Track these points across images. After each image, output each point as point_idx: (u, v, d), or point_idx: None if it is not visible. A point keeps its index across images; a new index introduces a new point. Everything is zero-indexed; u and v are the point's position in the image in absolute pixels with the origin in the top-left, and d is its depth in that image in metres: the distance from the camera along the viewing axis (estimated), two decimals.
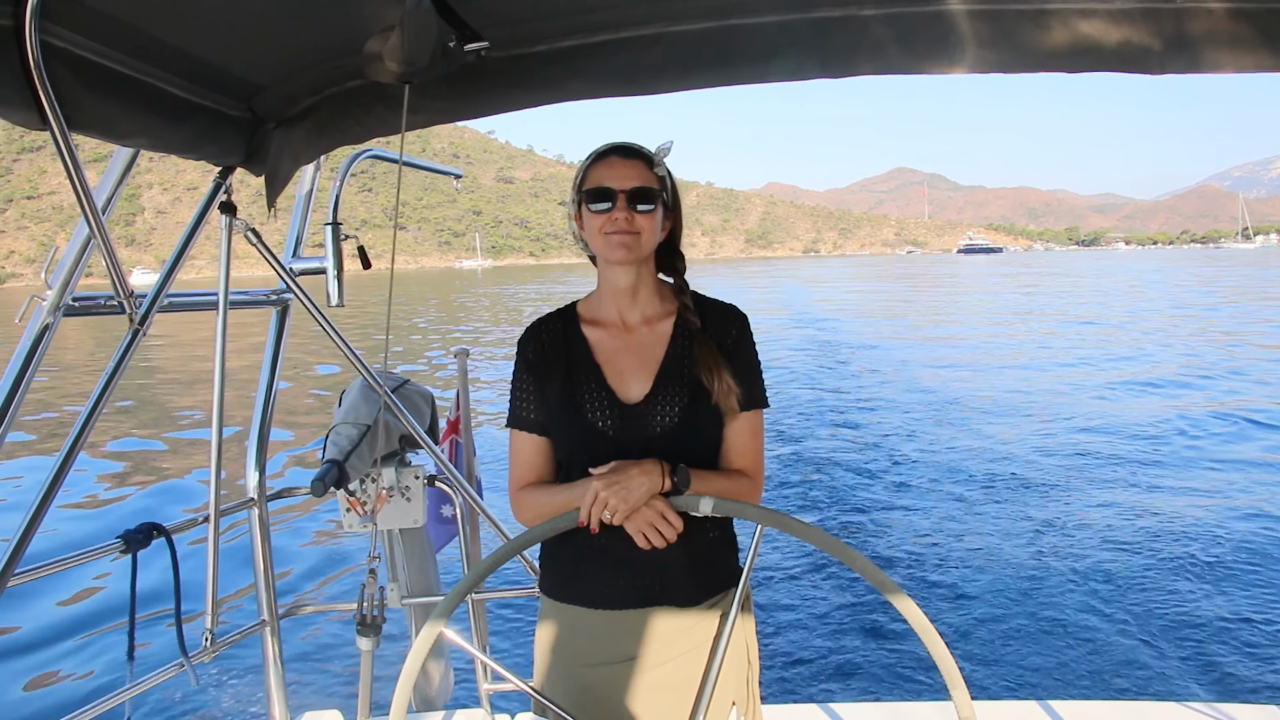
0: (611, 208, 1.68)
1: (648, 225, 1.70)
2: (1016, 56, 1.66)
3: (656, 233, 1.74)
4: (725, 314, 1.81)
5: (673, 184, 1.78)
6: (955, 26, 1.66)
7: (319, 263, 2.62)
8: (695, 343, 1.75)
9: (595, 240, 1.72)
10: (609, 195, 1.68)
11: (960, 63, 1.68)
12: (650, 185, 1.70)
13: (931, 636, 1.36)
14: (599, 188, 1.69)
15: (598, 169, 1.72)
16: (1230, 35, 1.54)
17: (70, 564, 2.14)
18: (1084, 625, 5.91)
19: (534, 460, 1.78)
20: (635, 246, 1.69)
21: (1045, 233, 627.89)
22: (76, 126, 1.55)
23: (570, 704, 1.73)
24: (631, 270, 1.75)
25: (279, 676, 2.67)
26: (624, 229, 1.67)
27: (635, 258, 1.72)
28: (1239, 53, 1.55)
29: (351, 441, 2.48)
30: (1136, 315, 32.71)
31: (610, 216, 1.68)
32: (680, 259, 1.85)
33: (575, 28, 1.83)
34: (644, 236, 1.70)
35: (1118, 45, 1.60)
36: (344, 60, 1.90)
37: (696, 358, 1.73)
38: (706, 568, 1.75)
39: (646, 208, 1.69)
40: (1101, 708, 2.59)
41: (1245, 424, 12.48)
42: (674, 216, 1.80)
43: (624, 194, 1.67)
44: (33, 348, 1.83)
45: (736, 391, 1.72)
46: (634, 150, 1.73)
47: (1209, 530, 7.76)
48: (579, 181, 1.75)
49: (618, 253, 1.69)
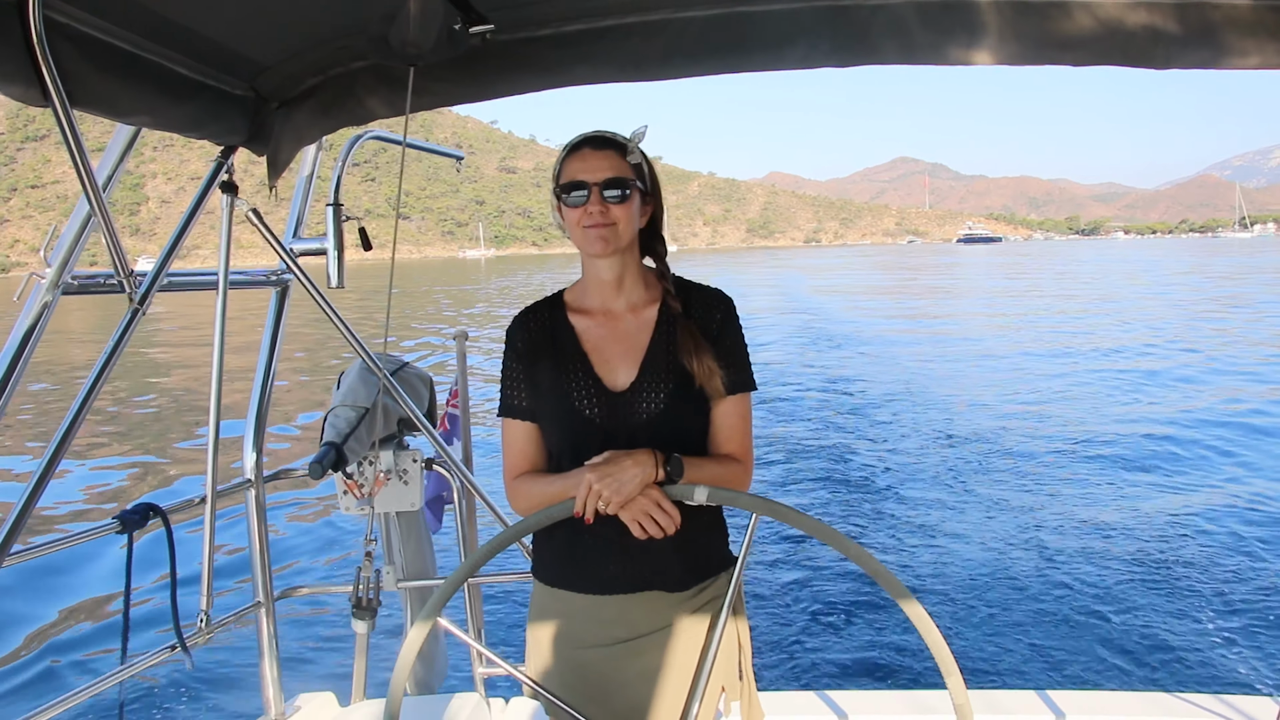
0: (586, 200, 1.67)
1: (623, 215, 1.69)
2: (1023, 49, 1.66)
3: (634, 221, 1.73)
4: (709, 298, 1.80)
5: (650, 169, 1.76)
6: (964, 18, 1.65)
7: (319, 243, 2.61)
8: (679, 328, 1.74)
9: (574, 233, 1.72)
10: (582, 187, 1.67)
11: (967, 55, 1.68)
12: (623, 175, 1.69)
13: (926, 624, 1.37)
14: (572, 181, 1.68)
15: (571, 162, 1.71)
16: (1237, 31, 1.54)
17: (67, 544, 2.14)
18: (1080, 616, 5.94)
19: (527, 448, 1.78)
20: (612, 238, 1.69)
21: (1045, 222, 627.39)
22: (78, 103, 1.54)
23: (563, 687, 1.74)
24: (613, 261, 1.75)
25: (274, 658, 2.67)
26: (599, 221, 1.67)
27: (613, 249, 1.71)
28: (1246, 49, 1.55)
29: (350, 424, 2.48)
30: (1117, 303, 33.30)
31: (585, 210, 1.67)
32: (661, 243, 1.84)
33: (582, 12, 1.82)
34: (620, 226, 1.69)
35: (1124, 40, 1.60)
36: (349, 41, 1.89)
37: (679, 343, 1.73)
38: (697, 553, 1.76)
39: (620, 197, 1.68)
40: (1096, 698, 2.59)
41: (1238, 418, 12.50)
42: (654, 201, 1.79)
43: (597, 186, 1.67)
44: (32, 325, 1.82)
45: (720, 375, 1.71)
46: (606, 140, 1.72)
47: (1201, 521, 7.79)
48: (555, 175, 1.75)
49: (595, 246, 1.69)
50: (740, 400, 1.76)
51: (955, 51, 1.69)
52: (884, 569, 1.40)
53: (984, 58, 1.69)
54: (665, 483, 1.57)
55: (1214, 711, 2.44)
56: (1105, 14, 1.60)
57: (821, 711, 2.56)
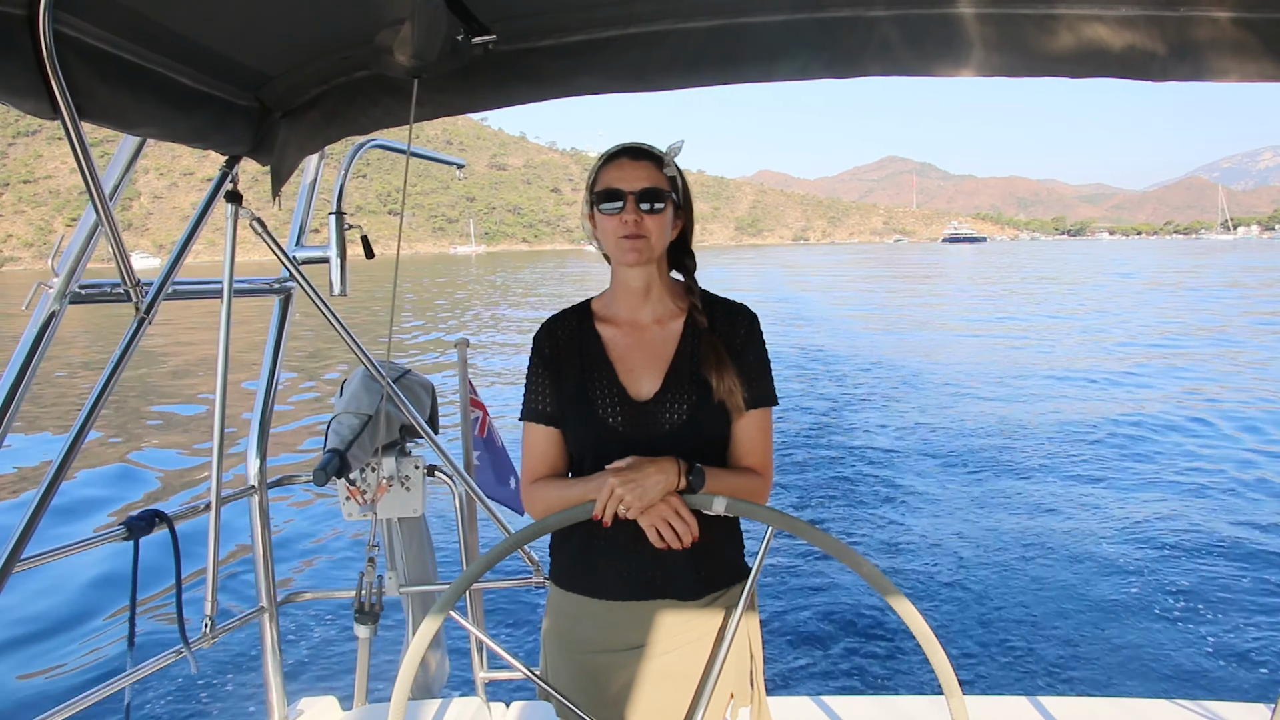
0: (621, 208, 1.70)
1: (656, 226, 1.72)
2: (1021, 60, 1.68)
3: (667, 233, 1.76)
4: (734, 313, 1.83)
5: (684, 183, 1.79)
6: (961, 29, 1.67)
7: (322, 251, 2.62)
8: (703, 341, 1.77)
9: (608, 242, 1.75)
10: (618, 196, 1.70)
11: (965, 65, 1.69)
12: (659, 186, 1.72)
13: (931, 644, 1.39)
14: (609, 189, 1.71)
15: (608, 170, 1.74)
16: (1233, 44, 1.56)
17: (73, 550, 2.15)
18: (1075, 622, 5.97)
19: (548, 452, 1.80)
20: (645, 249, 1.72)
21: (1032, 222, 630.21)
22: (87, 116, 1.55)
23: (574, 690, 1.76)
24: (643, 271, 1.78)
25: (277, 663, 2.68)
26: (634, 232, 1.69)
27: (646, 260, 1.74)
28: (1242, 62, 1.57)
29: (353, 431, 2.49)
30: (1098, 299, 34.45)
31: (621, 218, 1.70)
32: (690, 258, 1.87)
33: (583, 23, 1.83)
34: (653, 238, 1.72)
35: (1121, 52, 1.61)
36: (352, 51, 1.90)
37: (703, 357, 1.75)
38: (712, 562, 1.77)
39: (655, 208, 1.71)
40: (1092, 704, 2.62)
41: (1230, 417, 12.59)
42: (685, 216, 1.83)
43: (633, 195, 1.70)
44: (39, 334, 1.83)
45: (741, 390, 1.74)
46: (643, 151, 1.75)
47: (1198, 527, 7.84)
48: (591, 183, 1.77)
49: (629, 257, 1.72)
50: (761, 415, 1.78)
51: (954, 62, 1.71)
52: (894, 587, 1.42)
53: (983, 68, 1.70)
54: (686, 491, 1.58)
55: (1210, 715, 2.46)
56: (1104, 27, 1.61)
57: (824, 718, 2.59)
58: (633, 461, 1.58)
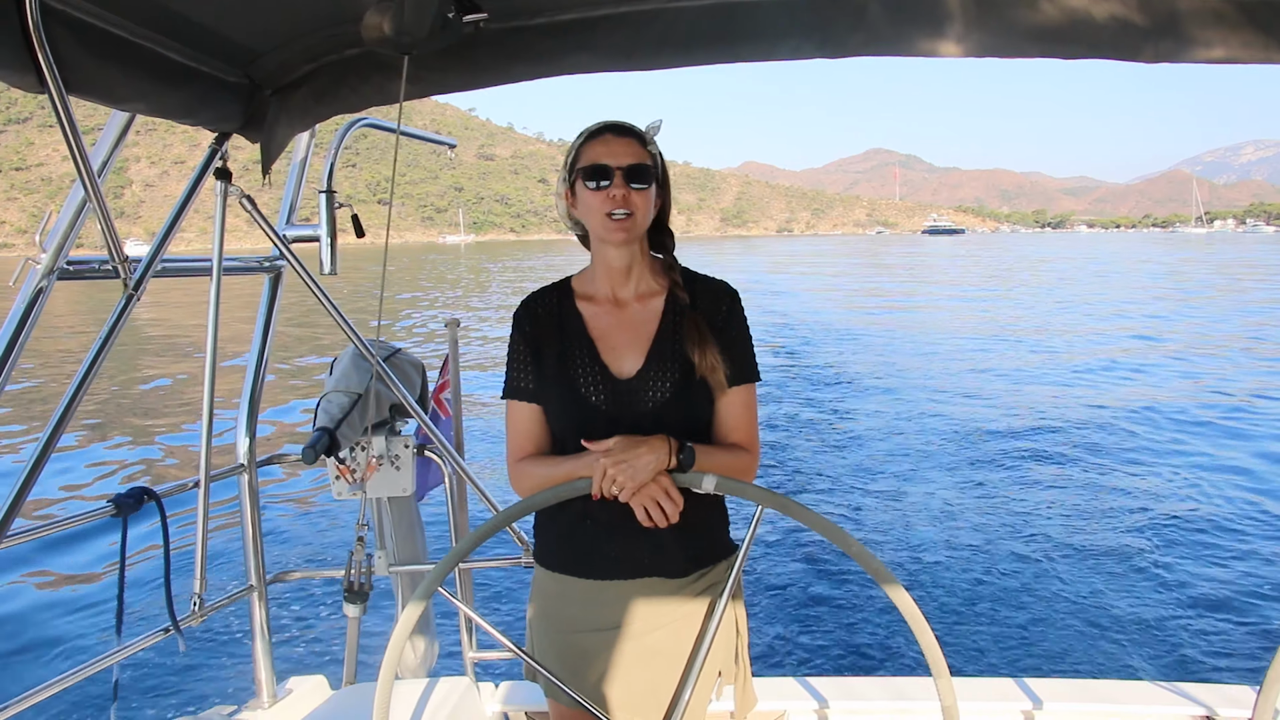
0: (609, 185, 1.68)
1: (642, 203, 1.71)
2: (1012, 40, 1.68)
3: (650, 211, 1.75)
4: (715, 290, 1.83)
5: (663, 162, 1.79)
6: (953, 9, 1.67)
7: (312, 230, 2.61)
8: (685, 319, 1.77)
9: (593, 219, 1.72)
10: (606, 173, 1.68)
11: (956, 46, 1.70)
12: (645, 163, 1.71)
13: (921, 625, 1.40)
14: (596, 165, 1.69)
15: (592, 146, 1.72)
16: (1224, 25, 1.56)
17: (61, 528, 2.15)
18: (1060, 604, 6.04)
19: (532, 430, 1.79)
20: (632, 227, 1.71)
21: (1012, 215, 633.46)
22: (75, 90, 1.54)
23: (560, 669, 1.77)
24: (627, 250, 1.76)
25: (265, 642, 2.68)
26: (622, 208, 1.68)
27: (632, 238, 1.73)
28: (1232, 43, 1.57)
29: (343, 409, 2.49)
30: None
31: (608, 194, 1.68)
32: (669, 236, 1.86)
33: (575, 2, 1.83)
34: (639, 215, 1.71)
35: (1112, 32, 1.61)
36: (342, 28, 1.89)
37: (686, 334, 1.75)
38: (698, 540, 1.77)
39: (642, 185, 1.70)
40: (1076, 685, 2.63)
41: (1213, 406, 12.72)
42: (664, 194, 1.82)
43: (620, 171, 1.68)
44: (26, 311, 1.82)
45: (723, 367, 1.73)
46: (627, 128, 1.74)
47: (1184, 513, 7.93)
48: (571, 160, 1.75)
49: (616, 236, 1.71)
50: (745, 390, 1.78)
51: (945, 42, 1.71)
52: (884, 568, 1.43)
53: (974, 49, 1.70)
54: (676, 470, 1.58)
55: (1194, 698, 2.47)
56: (1094, 6, 1.63)
57: (808, 697, 2.60)
58: (621, 441, 1.57)
